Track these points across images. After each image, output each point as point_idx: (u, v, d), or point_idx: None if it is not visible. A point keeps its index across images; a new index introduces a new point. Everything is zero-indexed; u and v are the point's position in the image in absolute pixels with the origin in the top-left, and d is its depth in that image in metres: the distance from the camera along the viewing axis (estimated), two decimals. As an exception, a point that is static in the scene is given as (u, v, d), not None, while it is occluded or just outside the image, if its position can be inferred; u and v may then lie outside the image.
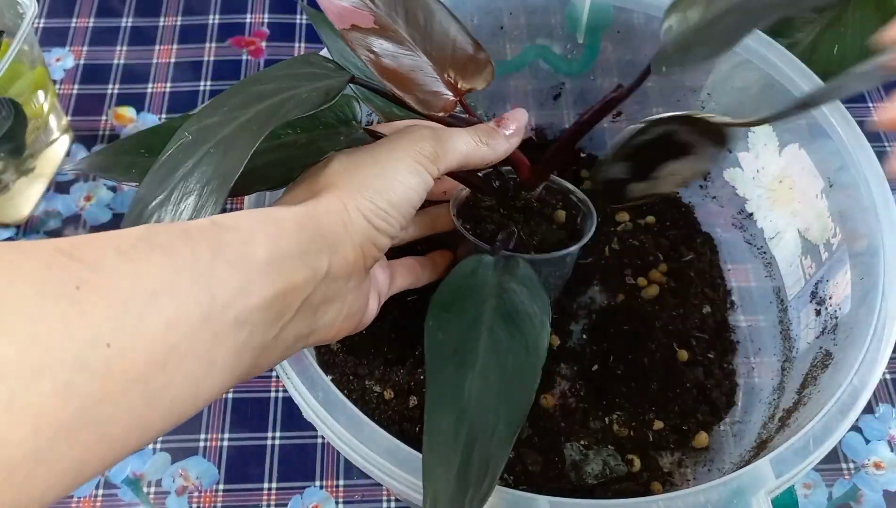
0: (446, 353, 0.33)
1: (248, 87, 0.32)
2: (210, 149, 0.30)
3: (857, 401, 0.36)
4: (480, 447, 0.30)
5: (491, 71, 0.38)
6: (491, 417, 0.31)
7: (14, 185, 0.61)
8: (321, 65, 0.35)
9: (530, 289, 0.36)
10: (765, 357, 0.52)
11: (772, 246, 0.55)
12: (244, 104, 0.31)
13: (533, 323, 0.34)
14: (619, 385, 0.50)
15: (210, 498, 0.51)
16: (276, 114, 0.31)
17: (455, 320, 0.34)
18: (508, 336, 0.34)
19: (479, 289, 0.36)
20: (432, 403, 0.31)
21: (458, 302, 0.35)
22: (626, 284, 0.55)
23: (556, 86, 0.60)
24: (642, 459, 0.47)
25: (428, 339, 0.33)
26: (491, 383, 0.32)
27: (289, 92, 0.32)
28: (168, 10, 0.76)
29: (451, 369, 0.32)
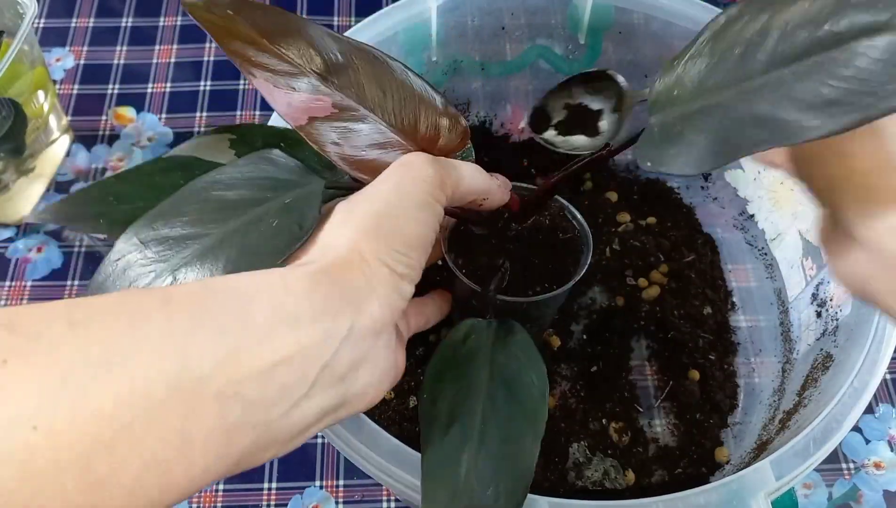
0: (441, 425, 0.31)
1: (206, 192, 0.29)
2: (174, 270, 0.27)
3: (858, 403, 0.36)
4: None
5: (465, 127, 0.35)
6: (490, 493, 0.29)
7: (14, 185, 0.61)
8: (286, 167, 0.32)
9: (528, 356, 0.34)
10: (765, 358, 0.52)
11: (773, 247, 0.55)
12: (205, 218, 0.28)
13: (531, 393, 0.33)
14: (618, 389, 0.50)
15: (210, 498, 0.51)
16: (244, 250, 0.28)
17: (450, 390, 0.32)
18: (507, 406, 0.32)
19: (474, 357, 0.34)
20: (428, 477, 0.30)
21: (453, 372, 0.33)
22: (627, 285, 0.55)
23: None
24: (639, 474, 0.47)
25: (422, 410, 0.32)
26: (490, 456, 0.30)
27: (254, 209, 0.29)
28: (168, 9, 0.76)
29: (448, 442, 0.31)
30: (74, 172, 0.65)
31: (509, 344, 0.35)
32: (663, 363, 0.52)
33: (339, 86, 0.32)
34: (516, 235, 0.42)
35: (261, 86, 0.31)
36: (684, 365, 0.52)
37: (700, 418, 0.50)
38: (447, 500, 0.29)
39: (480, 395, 0.32)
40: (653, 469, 0.48)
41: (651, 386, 0.52)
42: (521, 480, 0.30)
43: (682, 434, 0.49)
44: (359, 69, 0.32)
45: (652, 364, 0.53)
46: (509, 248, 0.42)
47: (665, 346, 0.53)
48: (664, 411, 0.51)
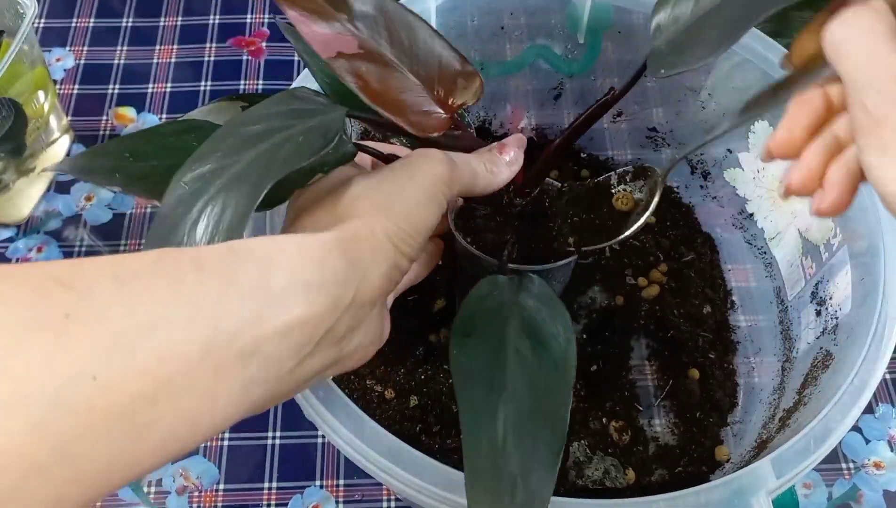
0: (474, 380, 0.32)
1: (236, 129, 0.31)
2: (210, 199, 0.29)
3: (858, 401, 0.36)
4: (524, 471, 0.29)
5: (480, 84, 0.38)
6: (529, 441, 0.30)
7: (14, 185, 0.61)
8: (311, 99, 0.33)
9: (550, 307, 0.35)
10: (765, 357, 0.52)
11: (772, 246, 0.55)
12: (236, 149, 0.30)
13: (559, 342, 0.33)
14: (618, 388, 0.50)
15: (210, 498, 0.51)
16: (272, 163, 0.29)
17: (479, 345, 0.33)
18: (535, 356, 0.33)
19: (499, 311, 0.35)
20: (468, 434, 0.30)
21: (480, 327, 0.34)
22: (627, 284, 0.55)
23: (557, 87, 0.60)
24: (640, 473, 0.47)
25: (454, 368, 0.32)
26: (524, 406, 0.31)
27: (281, 133, 0.31)
28: (168, 10, 0.76)
29: (481, 396, 0.31)
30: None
31: (532, 297, 0.36)
32: (663, 362, 0.52)
33: (366, 34, 0.35)
34: (520, 211, 0.42)
35: (293, 18, 0.34)
36: (684, 364, 0.52)
37: (700, 417, 0.50)
38: (488, 452, 0.30)
39: (509, 349, 0.33)
40: (653, 467, 0.48)
41: (651, 385, 0.52)
42: (558, 427, 0.31)
43: (683, 433, 0.49)
44: (385, 22, 0.36)
45: (652, 363, 0.53)
46: (514, 224, 0.42)
47: (665, 345, 0.53)
48: (664, 410, 0.51)
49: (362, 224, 0.30)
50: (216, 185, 0.29)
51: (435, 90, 0.37)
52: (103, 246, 0.62)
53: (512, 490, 0.29)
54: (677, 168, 0.60)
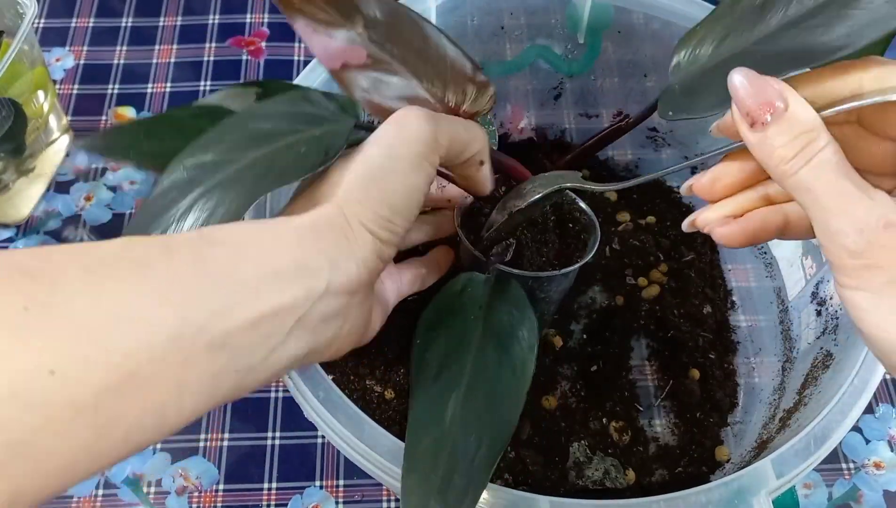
0: (431, 373, 0.32)
1: (244, 123, 0.31)
2: (205, 192, 0.29)
3: (858, 402, 0.36)
4: (461, 470, 0.29)
5: (493, 93, 0.37)
6: (473, 440, 0.30)
7: (14, 185, 0.61)
8: (321, 104, 0.33)
9: (520, 311, 0.35)
10: (765, 357, 0.52)
11: (772, 246, 0.55)
12: (239, 145, 0.30)
13: (521, 346, 0.33)
14: (618, 388, 0.50)
15: (210, 498, 0.51)
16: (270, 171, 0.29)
17: (442, 340, 0.33)
18: (496, 358, 0.33)
19: (468, 309, 0.35)
20: (414, 423, 0.30)
21: (447, 322, 0.34)
22: (627, 284, 0.55)
23: (557, 87, 0.60)
24: (640, 473, 0.47)
25: (414, 358, 0.33)
26: (475, 405, 0.31)
27: (286, 138, 0.30)
28: (168, 10, 0.76)
29: (435, 389, 0.31)
30: (74, 172, 0.65)
31: (504, 299, 0.36)
32: (663, 362, 0.52)
33: (376, 41, 0.34)
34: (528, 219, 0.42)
35: (301, 29, 0.34)
36: (684, 364, 0.52)
37: (700, 417, 0.50)
38: (430, 444, 0.30)
39: (472, 346, 0.33)
40: (653, 468, 0.48)
41: (651, 386, 0.52)
42: (503, 431, 0.31)
43: (683, 434, 0.49)
44: (396, 28, 0.35)
45: (652, 363, 0.53)
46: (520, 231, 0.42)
47: (665, 345, 0.53)
48: (664, 410, 0.51)
49: (335, 210, 0.29)
50: (213, 179, 0.29)
51: (446, 99, 0.36)
52: (103, 246, 0.61)
53: (446, 485, 0.29)
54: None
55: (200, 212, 0.29)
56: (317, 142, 0.31)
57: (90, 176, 0.65)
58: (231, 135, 0.30)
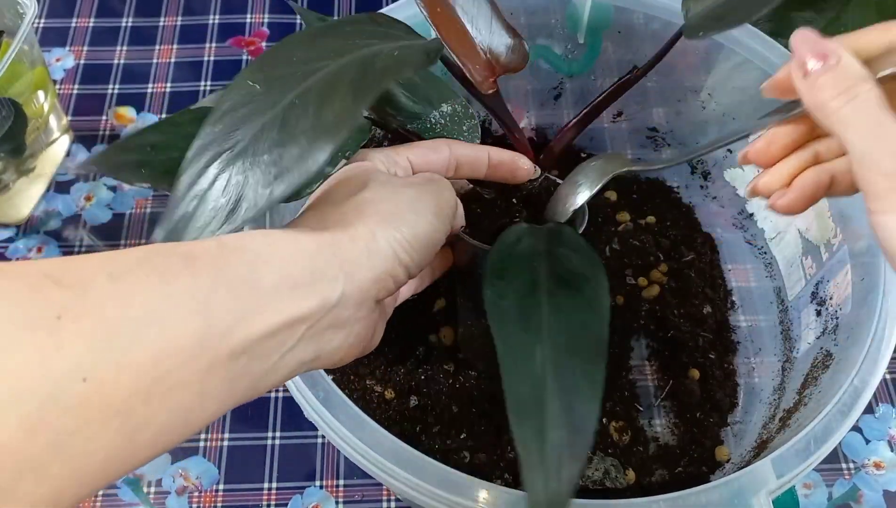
0: (511, 319, 0.32)
1: (307, 43, 0.29)
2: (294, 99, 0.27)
3: (858, 402, 0.36)
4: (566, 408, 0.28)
5: (525, 54, 0.39)
6: (569, 376, 0.29)
7: (14, 185, 0.61)
8: (391, 25, 0.33)
9: (580, 254, 0.35)
10: (765, 357, 0.52)
11: (772, 246, 0.55)
12: (318, 57, 0.28)
13: (591, 284, 0.33)
14: (618, 388, 0.50)
15: (210, 498, 0.51)
16: (369, 69, 0.27)
17: (512, 287, 0.33)
18: (569, 297, 0.32)
19: (530, 256, 0.35)
20: (508, 372, 0.30)
21: (511, 270, 0.34)
22: (627, 284, 0.55)
23: (557, 87, 0.60)
24: (640, 473, 0.47)
25: (490, 308, 0.32)
26: (560, 343, 0.31)
27: (368, 48, 0.29)
28: (168, 10, 0.76)
29: (519, 334, 0.31)
30: (75, 172, 0.65)
31: (562, 244, 0.36)
32: (663, 362, 0.52)
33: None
34: (526, 197, 0.42)
35: None
36: (684, 364, 0.52)
37: (700, 417, 0.50)
38: (530, 390, 0.29)
39: (542, 291, 0.33)
40: (653, 468, 0.48)
41: (651, 385, 0.52)
42: (597, 362, 0.30)
43: (683, 433, 0.49)
44: None
45: (652, 363, 0.53)
46: (517, 210, 0.42)
47: (665, 345, 0.53)
48: (664, 410, 0.51)
49: (363, 226, 0.30)
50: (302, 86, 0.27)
51: (486, 52, 0.38)
52: (103, 246, 0.61)
53: (556, 424, 0.28)
54: (678, 168, 0.60)
55: (299, 118, 0.27)
56: (408, 48, 0.30)
57: (90, 176, 0.65)
58: (297, 52, 0.28)
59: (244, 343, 0.25)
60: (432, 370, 0.49)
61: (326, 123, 0.27)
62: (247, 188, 0.28)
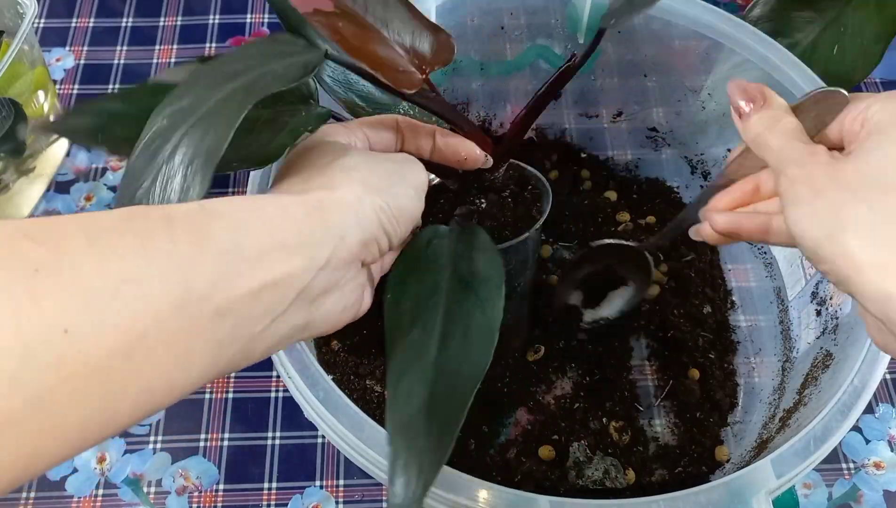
0: (405, 323, 0.33)
1: (216, 69, 0.31)
2: (188, 130, 0.29)
3: (858, 402, 0.36)
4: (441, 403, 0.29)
5: (451, 48, 0.39)
6: (449, 377, 0.30)
7: (14, 185, 0.61)
8: (290, 42, 0.34)
9: (485, 254, 0.36)
10: (765, 357, 0.52)
11: (772, 246, 0.55)
12: (215, 84, 0.30)
13: (489, 286, 0.34)
14: (618, 388, 0.50)
15: (210, 498, 0.51)
16: (252, 90, 0.30)
17: (412, 290, 0.34)
18: (466, 300, 0.33)
19: (436, 259, 0.36)
20: (393, 370, 0.31)
21: (416, 274, 0.35)
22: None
23: (557, 87, 0.60)
24: (640, 473, 0.47)
25: (387, 311, 0.33)
26: (451, 347, 0.32)
27: (261, 68, 0.31)
28: (168, 10, 0.76)
29: (411, 337, 0.32)
30: (75, 172, 0.65)
31: (469, 246, 0.37)
32: (663, 362, 0.52)
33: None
34: (485, 190, 0.43)
35: None
36: (684, 364, 0.52)
37: (700, 417, 0.50)
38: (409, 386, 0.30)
39: (442, 292, 0.34)
40: (653, 467, 0.48)
41: (651, 385, 0.52)
42: (478, 367, 0.31)
43: (683, 433, 0.49)
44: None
45: (652, 363, 0.53)
46: (479, 205, 0.43)
47: (665, 345, 0.53)
48: (664, 410, 0.51)
49: (350, 191, 0.31)
50: (196, 115, 0.29)
51: (409, 52, 0.38)
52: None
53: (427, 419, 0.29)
54: (677, 168, 0.60)
55: (187, 146, 0.29)
56: (293, 65, 0.31)
57: (90, 176, 0.65)
58: (204, 79, 0.30)
59: (227, 303, 0.25)
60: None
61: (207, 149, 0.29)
62: None
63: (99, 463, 0.52)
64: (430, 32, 0.39)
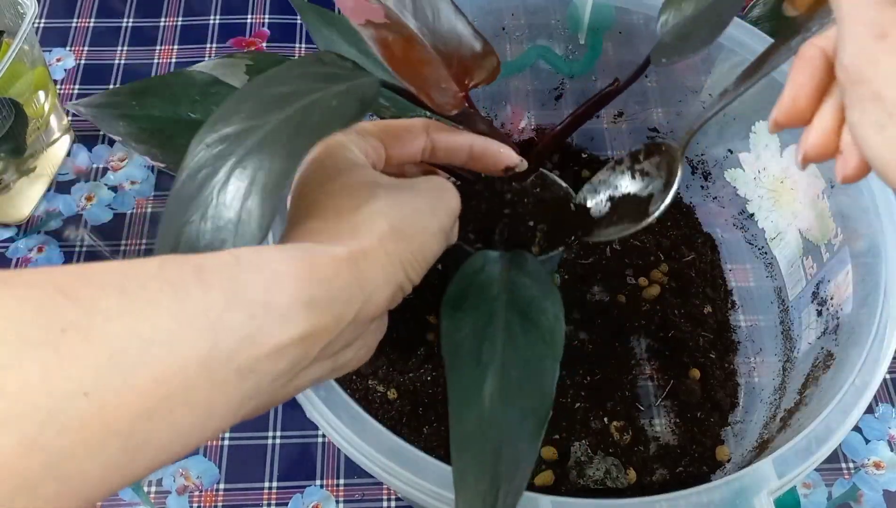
0: (463, 354, 0.32)
1: (259, 90, 0.30)
2: (238, 162, 0.28)
3: (859, 402, 0.36)
4: (509, 443, 0.29)
5: (496, 65, 0.38)
6: (516, 413, 0.30)
7: (15, 185, 0.61)
8: (337, 64, 0.33)
9: (540, 284, 0.35)
10: (766, 357, 0.52)
11: (773, 246, 0.55)
12: (260, 111, 0.29)
13: (547, 316, 0.34)
14: (619, 388, 0.50)
15: (211, 498, 0.51)
16: (303, 127, 0.28)
17: (469, 320, 0.33)
18: (524, 330, 0.33)
19: (490, 286, 0.35)
20: (455, 405, 0.30)
21: (470, 300, 0.34)
22: (627, 284, 0.55)
23: (558, 87, 0.60)
24: (641, 473, 0.47)
25: (444, 340, 0.32)
26: (511, 380, 0.31)
27: (309, 96, 0.30)
28: (169, 10, 0.76)
29: (470, 370, 0.31)
30: (75, 172, 0.65)
31: (523, 273, 0.36)
32: (664, 362, 0.52)
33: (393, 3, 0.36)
34: (513, 198, 0.42)
35: None
36: (685, 364, 0.52)
37: (701, 417, 0.50)
38: (475, 424, 0.30)
39: (500, 323, 0.33)
40: (654, 467, 0.48)
41: (652, 385, 0.52)
42: (544, 400, 0.31)
43: (683, 433, 0.49)
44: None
45: (652, 363, 0.53)
46: (505, 212, 0.41)
47: (665, 345, 0.53)
48: (665, 410, 0.51)
49: (378, 244, 0.29)
50: (244, 147, 0.28)
51: (452, 67, 0.37)
52: (104, 246, 0.61)
53: (496, 458, 0.29)
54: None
55: (240, 180, 0.27)
56: (346, 95, 0.30)
57: (91, 176, 0.65)
58: (248, 103, 0.29)
59: (252, 362, 0.25)
60: (435, 370, 0.49)
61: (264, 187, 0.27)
62: None
63: (100, 463, 0.52)
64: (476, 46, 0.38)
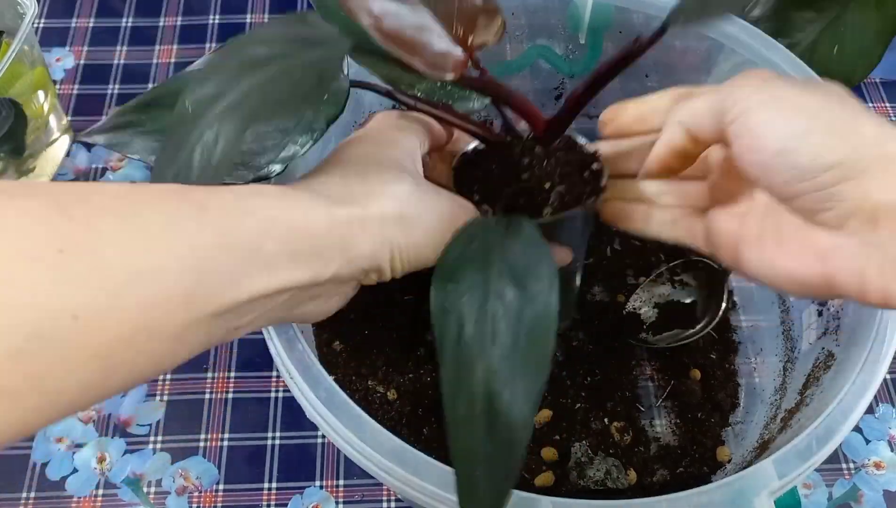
0: (453, 329, 0.31)
1: (242, 49, 0.31)
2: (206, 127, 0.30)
3: (860, 402, 0.36)
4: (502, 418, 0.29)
5: (502, 23, 0.37)
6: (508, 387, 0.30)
7: (14, 185, 0.61)
8: (318, 26, 0.33)
9: (536, 250, 0.34)
10: (766, 357, 0.52)
11: (773, 246, 0.55)
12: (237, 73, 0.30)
13: (541, 282, 0.32)
14: (619, 389, 0.50)
15: (210, 498, 0.51)
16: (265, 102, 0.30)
17: (460, 290, 0.32)
18: (518, 298, 0.32)
19: (483, 256, 0.34)
20: (447, 384, 0.30)
21: (461, 273, 0.33)
22: (628, 284, 0.55)
23: (558, 87, 0.60)
24: (641, 473, 0.47)
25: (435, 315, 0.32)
26: (504, 352, 0.30)
27: (281, 62, 0.30)
28: (168, 10, 0.76)
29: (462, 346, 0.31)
30: (75, 172, 0.65)
31: (516, 239, 0.35)
32: (664, 362, 0.52)
33: None
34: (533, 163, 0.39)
35: None
36: (685, 365, 0.52)
37: (701, 417, 0.50)
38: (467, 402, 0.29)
39: (490, 295, 0.32)
40: (654, 468, 0.48)
41: (652, 386, 0.52)
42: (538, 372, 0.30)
43: (684, 434, 0.49)
44: None
45: (653, 363, 0.53)
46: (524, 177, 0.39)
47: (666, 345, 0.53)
48: (665, 410, 0.51)
49: (380, 219, 0.31)
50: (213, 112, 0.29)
51: (453, 27, 0.35)
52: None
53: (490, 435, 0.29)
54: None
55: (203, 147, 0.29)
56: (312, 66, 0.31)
57: (90, 176, 0.65)
58: (228, 61, 0.31)
59: (230, 304, 0.26)
60: (435, 370, 0.49)
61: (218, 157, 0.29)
62: None
63: (99, 463, 0.52)
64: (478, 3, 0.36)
